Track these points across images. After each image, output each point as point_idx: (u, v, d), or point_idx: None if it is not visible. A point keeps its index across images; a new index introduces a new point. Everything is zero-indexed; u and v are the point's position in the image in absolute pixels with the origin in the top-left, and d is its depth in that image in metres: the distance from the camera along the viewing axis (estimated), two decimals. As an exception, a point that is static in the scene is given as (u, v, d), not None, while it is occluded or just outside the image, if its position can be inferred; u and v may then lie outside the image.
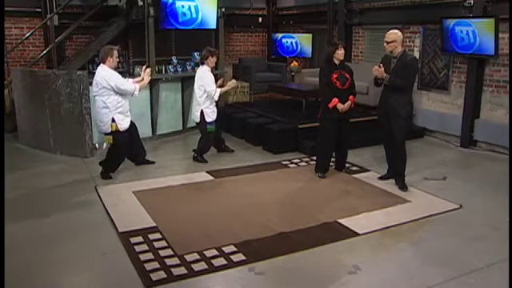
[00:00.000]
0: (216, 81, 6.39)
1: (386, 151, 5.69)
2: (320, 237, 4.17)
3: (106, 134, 5.68)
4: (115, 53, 5.57)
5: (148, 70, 5.98)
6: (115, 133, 5.62)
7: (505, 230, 4.26)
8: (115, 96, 5.53)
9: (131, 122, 5.87)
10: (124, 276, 3.55)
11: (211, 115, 6.32)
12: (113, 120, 5.57)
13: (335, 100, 5.56)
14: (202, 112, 6.29)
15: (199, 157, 6.50)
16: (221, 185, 5.63)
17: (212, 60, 6.30)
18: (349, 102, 5.63)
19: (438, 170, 6.16)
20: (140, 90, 5.79)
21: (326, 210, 4.79)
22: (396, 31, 5.33)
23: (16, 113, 7.37)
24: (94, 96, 5.64)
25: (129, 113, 5.77)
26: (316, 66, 10.74)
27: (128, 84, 5.64)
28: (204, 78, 6.20)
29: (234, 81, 6.65)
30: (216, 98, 6.27)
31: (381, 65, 5.27)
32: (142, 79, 5.89)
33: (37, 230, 4.34)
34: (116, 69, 5.67)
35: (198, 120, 6.38)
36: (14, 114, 7.45)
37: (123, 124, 5.65)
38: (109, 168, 5.83)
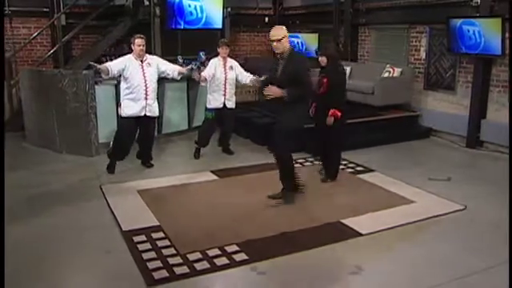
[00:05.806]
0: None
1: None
2: (323, 237, 4.17)
3: None
4: (137, 41, 5.62)
5: (190, 66, 6.25)
6: (120, 118, 5.88)
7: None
8: (123, 82, 5.72)
9: (147, 118, 5.81)
10: (127, 274, 3.57)
11: (211, 102, 6.53)
12: (119, 104, 5.83)
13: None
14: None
15: (195, 150, 6.67)
16: (225, 184, 5.65)
17: (221, 50, 6.46)
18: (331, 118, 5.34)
19: (443, 170, 6.12)
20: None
21: (329, 210, 4.79)
22: (281, 26, 4.63)
23: (23, 112, 7.43)
24: None
25: (141, 101, 5.68)
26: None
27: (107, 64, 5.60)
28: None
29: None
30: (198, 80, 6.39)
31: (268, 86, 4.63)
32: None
33: (41, 228, 4.37)
34: (139, 57, 5.64)
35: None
36: (21, 113, 7.51)
37: (126, 110, 5.74)
38: (112, 155, 5.95)
